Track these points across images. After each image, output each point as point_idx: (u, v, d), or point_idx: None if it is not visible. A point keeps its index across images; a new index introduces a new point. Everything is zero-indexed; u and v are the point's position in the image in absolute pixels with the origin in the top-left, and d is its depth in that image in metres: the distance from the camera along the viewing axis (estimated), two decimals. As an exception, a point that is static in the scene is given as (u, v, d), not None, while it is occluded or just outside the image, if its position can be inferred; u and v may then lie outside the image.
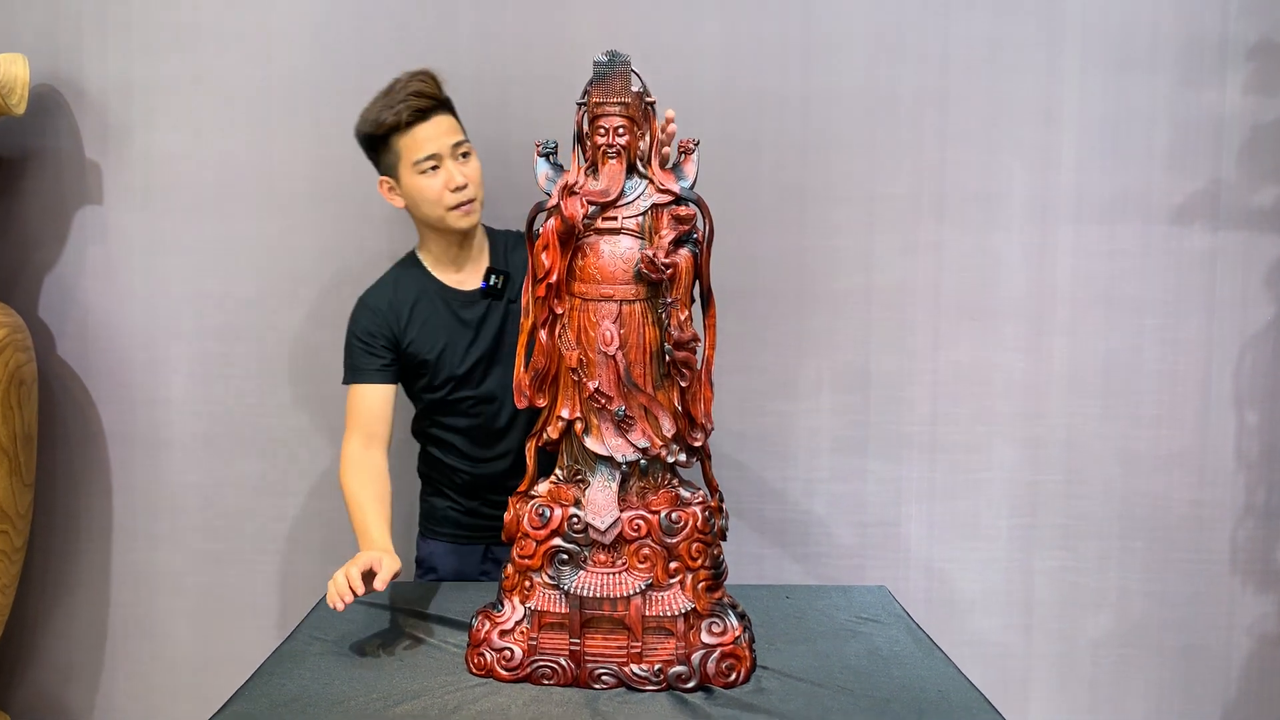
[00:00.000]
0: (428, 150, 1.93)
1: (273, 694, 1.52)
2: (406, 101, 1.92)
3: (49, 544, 2.45)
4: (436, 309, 2.02)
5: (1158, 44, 2.34)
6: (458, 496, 2.10)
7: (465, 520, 2.10)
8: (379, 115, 1.94)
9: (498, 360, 2.03)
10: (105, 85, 2.36)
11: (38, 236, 2.40)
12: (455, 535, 2.12)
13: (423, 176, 1.94)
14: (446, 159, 1.95)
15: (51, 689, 2.49)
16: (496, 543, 2.06)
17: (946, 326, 2.39)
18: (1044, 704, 2.44)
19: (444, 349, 2.01)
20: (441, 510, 2.13)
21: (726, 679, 1.54)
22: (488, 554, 2.11)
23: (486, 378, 2.03)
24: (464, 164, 1.97)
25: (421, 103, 1.92)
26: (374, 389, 1.97)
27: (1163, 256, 2.38)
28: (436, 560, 2.13)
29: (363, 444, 1.94)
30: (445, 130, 1.96)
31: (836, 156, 2.36)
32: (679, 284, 1.54)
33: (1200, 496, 2.42)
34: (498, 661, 1.56)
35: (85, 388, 2.42)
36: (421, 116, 1.93)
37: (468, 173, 1.97)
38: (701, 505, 1.58)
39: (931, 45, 2.34)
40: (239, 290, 2.39)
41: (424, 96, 1.93)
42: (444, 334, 2.01)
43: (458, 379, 2.02)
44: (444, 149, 1.94)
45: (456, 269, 2.06)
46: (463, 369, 2.01)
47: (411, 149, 1.94)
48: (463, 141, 1.98)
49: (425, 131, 1.93)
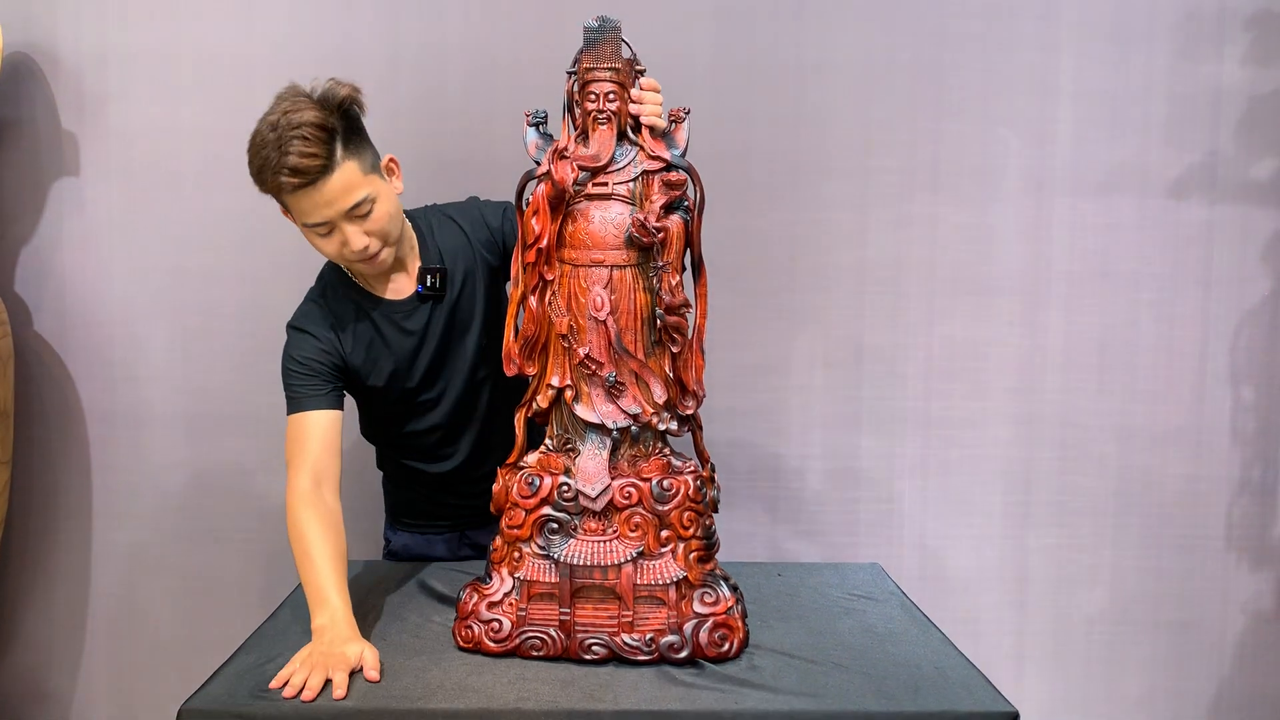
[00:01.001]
0: (315, 219, 1.67)
1: (253, 673, 1.48)
2: (282, 174, 1.62)
3: (27, 524, 2.40)
4: (378, 328, 1.82)
5: (1155, 16, 2.32)
6: (424, 490, 1.99)
7: (434, 510, 2.01)
8: (260, 172, 1.66)
9: (449, 360, 1.86)
10: (81, 54, 2.30)
11: (13, 209, 2.34)
12: (426, 526, 2.03)
13: (317, 237, 1.71)
14: (340, 222, 1.67)
15: (31, 670, 2.44)
16: (470, 527, 2.01)
17: (941, 301, 2.36)
18: (1038, 680, 2.42)
19: (395, 369, 1.83)
20: (407, 502, 2.04)
21: (719, 649, 1.51)
22: (463, 539, 2.03)
23: (438, 379, 1.87)
24: (364, 221, 1.68)
25: (301, 179, 1.62)
26: (320, 415, 1.74)
27: (1159, 230, 2.35)
28: (409, 551, 2.05)
29: (312, 483, 1.68)
30: (337, 195, 1.65)
31: (830, 130, 2.32)
32: (670, 248, 1.51)
33: (1195, 472, 2.40)
34: (486, 633, 1.53)
35: (63, 364, 2.37)
36: (304, 187, 1.64)
37: (370, 227, 1.69)
38: (693, 474, 1.56)
39: (927, 17, 2.31)
40: (220, 265, 2.34)
41: (302, 172, 1.61)
42: (391, 354, 1.83)
43: (409, 391, 1.86)
44: (335, 214, 1.66)
45: (388, 279, 1.83)
46: (414, 381, 1.85)
47: (298, 213, 1.69)
48: (361, 201, 1.67)
49: (310, 201, 1.65)
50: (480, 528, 1.97)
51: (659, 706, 1.38)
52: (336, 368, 1.79)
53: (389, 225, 1.72)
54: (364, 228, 1.69)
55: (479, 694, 1.40)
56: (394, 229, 1.74)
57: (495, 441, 1.88)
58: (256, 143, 1.66)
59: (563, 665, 1.50)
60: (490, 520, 1.70)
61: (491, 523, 1.71)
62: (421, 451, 1.94)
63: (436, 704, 1.38)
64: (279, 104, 1.67)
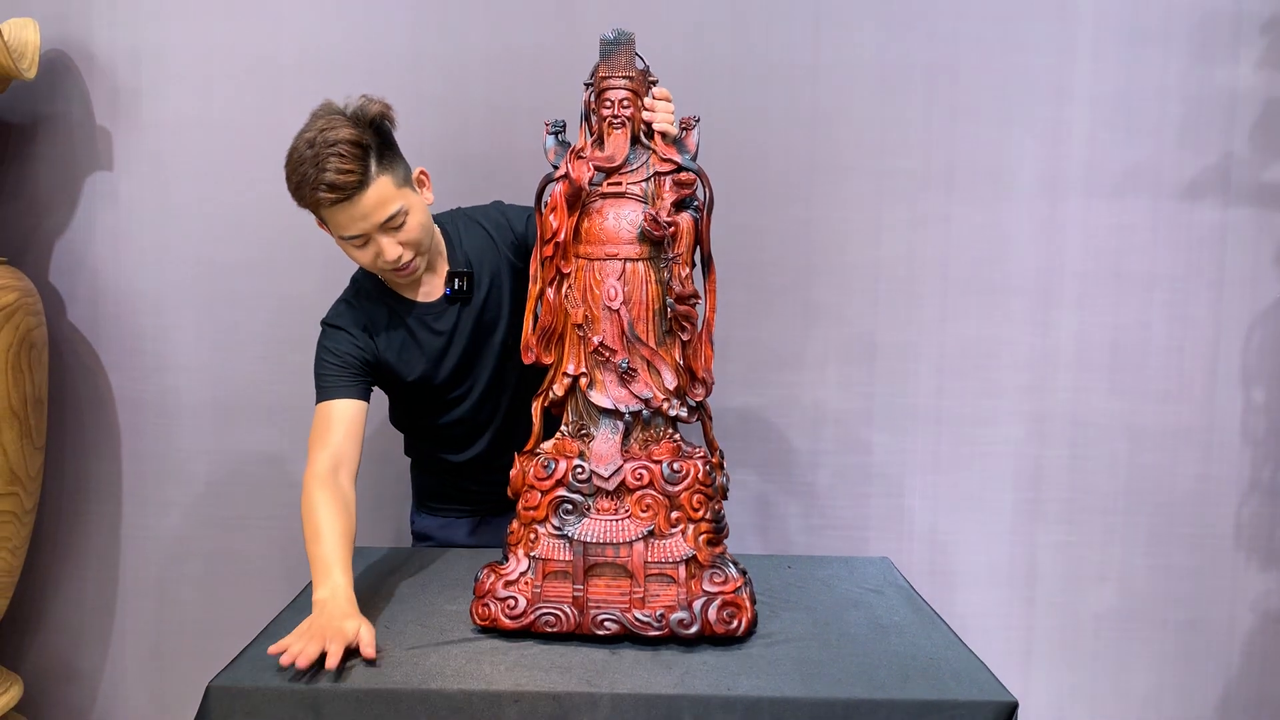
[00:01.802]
0: (352, 231, 1.75)
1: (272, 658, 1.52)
2: (320, 190, 1.69)
3: (59, 507, 2.48)
4: (410, 330, 1.90)
5: (1171, 18, 2.33)
6: (448, 477, 2.08)
7: (456, 495, 2.10)
8: (298, 188, 1.73)
9: (477, 358, 1.94)
10: (115, 50, 2.37)
11: (48, 202, 2.41)
12: (449, 510, 2.11)
13: (353, 248, 1.79)
14: (375, 234, 1.76)
15: (62, 651, 2.51)
16: (493, 514, 2.09)
17: (954, 300, 2.39)
18: (1046, 677, 2.44)
19: (425, 368, 1.91)
20: (432, 488, 2.13)
21: (728, 626, 1.55)
22: (483, 524, 2.11)
23: (466, 376, 1.95)
24: (398, 233, 1.76)
25: (338, 194, 1.70)
26: (345, 404, 1.81)
27: (1172, 232, 2.37)
28: (431, 534, 2.14)
29: (330, 467, 1.74)
30: (372, 209, 1.73)
31: (846, 129, 2.35)
32: (680, 241, 1.58)
33: (1205, 472, 2.42)
34: (501, 611, 1.58)
35: (95, 353, 2.44)
36: (341, 202, 1.71)
37: (404, 238, 1.77)
38: (703, 459, 1.61)
39: (943, 18, 2.33)
40: (249, 256, 2.40)
41: (339, 188, 1.69)
42: (422, 354, 1.90)
43: (438, 387, 1.94)
44: (370, 227, 1.74)
45: (419, 283, 1.91)
46: (442, 378, 1.93)
47: (335, 227, 1.77)
48: (395, 214, 1.74)
49: (346, 215, 1.73)
50: (500, 514, 2.05)
51: (654, 690, 1.42)
52: (367, 364, 1.86)
53: (421, 235, 1.80)
54: (398, 238, 1.77)
55: (479, 678, 1.44)
56: (426, 239, 1.82)
57: (517, 433, 1.94)
58: (294, 160, 1.73)
59: (562, 651, 1.54)
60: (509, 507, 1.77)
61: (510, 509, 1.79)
62: (447, 442, 2.02)
63: (437, 685, 1.42)
64: (314, 122, 1.74)
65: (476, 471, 2.03)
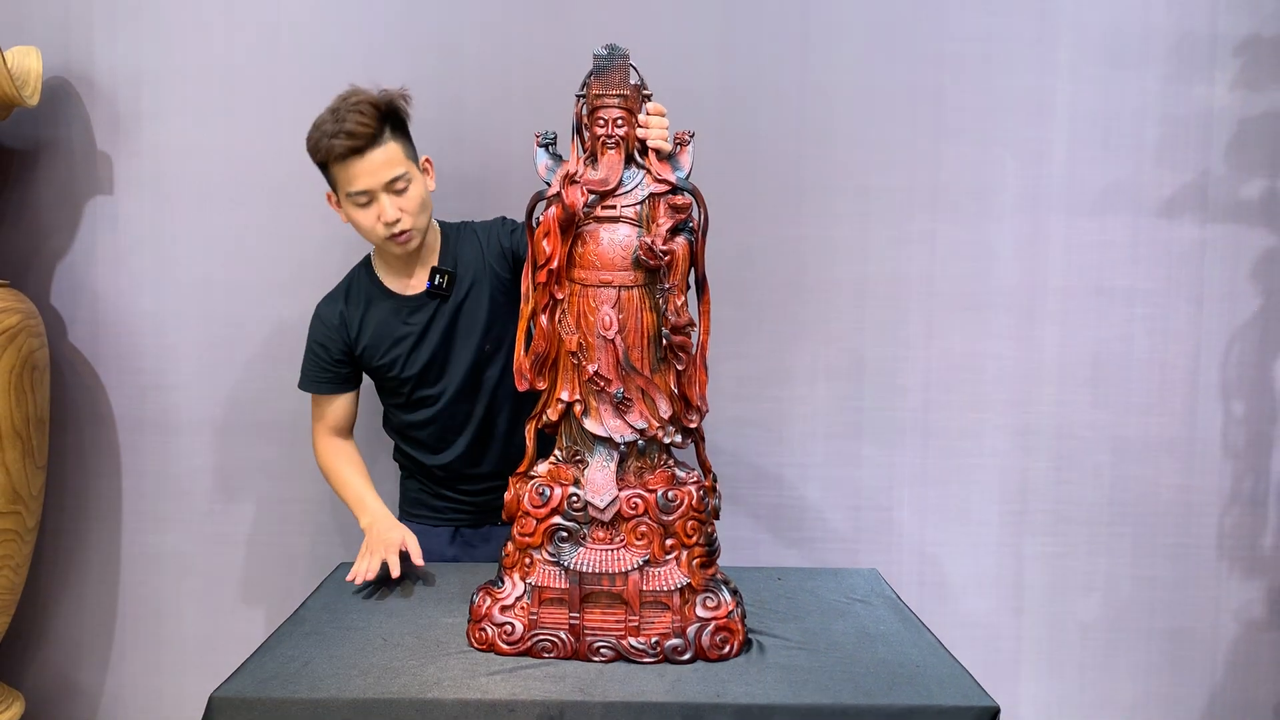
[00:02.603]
0: (359, 186, 1.92)
1: (280, 665, 1.56)
2: (338, 138, 1.88)
3: (60, 525, 2.51)
4: (386, 317, 2.06)
5: (1148, 40, 2.39)
6: (427, 482, 2.19)
7: (435, 504, 2.19)
8: (316, 143, 1.93)
9: (450, 360, 2.06)
10: (115, 77, 2.41)
11: (50, 225, 2.45)
12: (425, 517, 2.20)
13: (356, 208, 1.95)
14: (380, 193, 1.92)
15: (62, 667, 2.54)
16: (466, 525, 2.18)
17: (939, 316, 2.43)
18: (1034, 685, 2.49)
19: (395, 356, 2.06)
20: (414, 494, 2.23)
21: (721, 651, 1.59)
22: (457, 535, 2.19)
23: (441, 377, 2.07)
24: (399, 198, 1.93)
25: (354, 142, 1.88)
26: (333, 400, 2.12)
27: (1152, 248, 2.42)
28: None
29: (329, 435, 2.13)
30: (380, 165, 1.91)
31: (832, 150, 2.40)
32: (676, 270, 1.59)
33: (1188, 483, 2.47)
34: (499, 636, 1.61)
35: (95, 373, 2.47)
36: (355, 153, 1.89)
37: (403, 205, 1.94)
38: (696, 485, 1.63)
39: (926, 41, 2.39)
40: (246, 278, 2.44)
41: (356, 136, 1.88)
42: (393, 341, 2.06)
43: (411, 380, 2.07)
44: (377, 184, 1.91)
45: (408, 275, 2.08)
46: (413, 371, 2.06)
47: (344, 182, 1.93)
48: (400, 176, 1.92)
49: (358, 168, 1.90)
50: (474, 528, 2.18)
51: (646, 698, 1.47)
52: (344, 351, 2.08)
53: (420, 209, 1.97)
54: (398, 203, 1.94)
55: (476, 689, 1.49)
56: (423, 216, 1.99)
57: (489, 444, 2.11)
58: (317, 122, 1.95)
59: (557, 664, 1.58)
60: (483, 522, 2.12)
61: (484, 524, 2.13)
62: (420, 443, 2.15)
63: (434, 695, 1.46)
64: (339, 96, 1.96)
65: (450, 480, 2.15)
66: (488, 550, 2.17)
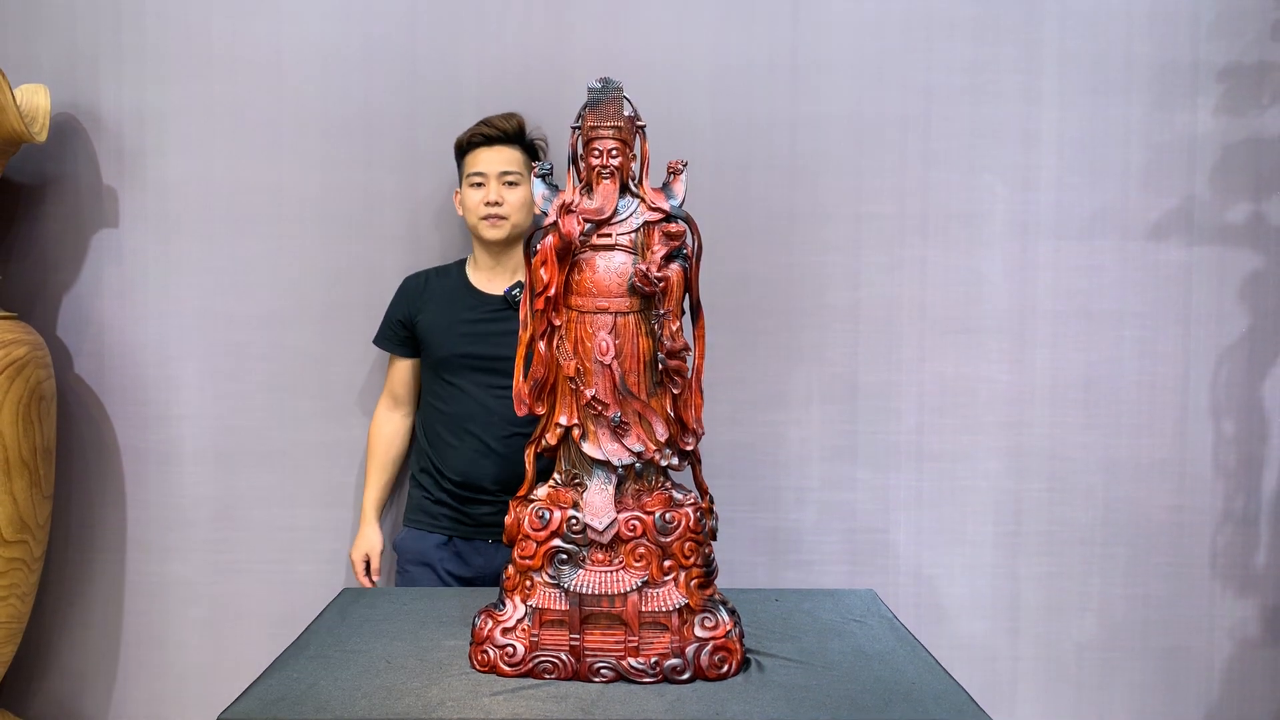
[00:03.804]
0: (478, 168, 2.27)
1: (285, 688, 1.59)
2: (476, 129, 2.28)
3: (65, 554, 2.53)
4: (453, 295, 2.31)
5: (1131, 68, 2.45)
6: (431, 488, 2.32)
7: (432, 509, 2.32)
8: (464, 135, 2.31)
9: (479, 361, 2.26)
10: (121, 113, 2.47)
11: (57, 259, 2.49)
12: (420, 522, 2.34)
13: (470, 189, 2.27)
14: (492, 179, 2.26)
15: (67, 696, 2.56)
16: (460, 536, 2.30)
17: (932, 340, 2.47)
18: (1031, 706, 2.50)
19: (440, 323, 2.29)
20: (416, 499, 2.37)
21: (719, 670, 1.61)
22: (449, 544, 2.31)
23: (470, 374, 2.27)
24: (507, 190, 2.26)
25: (489, 131, 2.27)
26: (396, 360, 2.38)
27: (1140, 271, 2.47)
28: (405, 545, 2.35)
29: (389, 405, 2.41)
30: (501, 160, 2.27)
31: (824, 179, 2.45)
32: (671, 296, 1.62)
33: (1180, 503, 2.49)
34: (500, 658, 1.63)
35: (101, 404, 2.51)
36: (485, 142, 2.27)
37: (508, 196, 2.26)
38: (693, 506, 1.66)
39: (914, 71, 2.44)
40: (249, 309, 2.48)
41: (493, 127, 2.27)
42: (447, 314, 2.29)
43: (443, 359, 2.28)
44: (492, 172, 2.26)
45: (491, 277, 2.32)
46: (446, 351, 2.27)
47: (469, 164, 2.29)
48: (512, 173, 2.27)
49: (483, 155, 2.27)
50: (468, 540, 2.30)
51: (646, 716, 1.49)
52: (408, 319, 2.33)
53: (520, 206, 2.27)
54: (505, 193, 2.25)
55: (478, 709, 1.51)
56: (520, 214, 2.28)
57: (492, 462, 2.26)
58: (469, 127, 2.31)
59: (562, 683, 1.61)
60: (476, 536, 2.26)
61: (477, 539, 2.27)
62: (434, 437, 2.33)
63: (438, 715, 1.48)
64: None
65: (452, 489, 2.29)
66: (477, 562, 2.28)
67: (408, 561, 2.33)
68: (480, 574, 2.28)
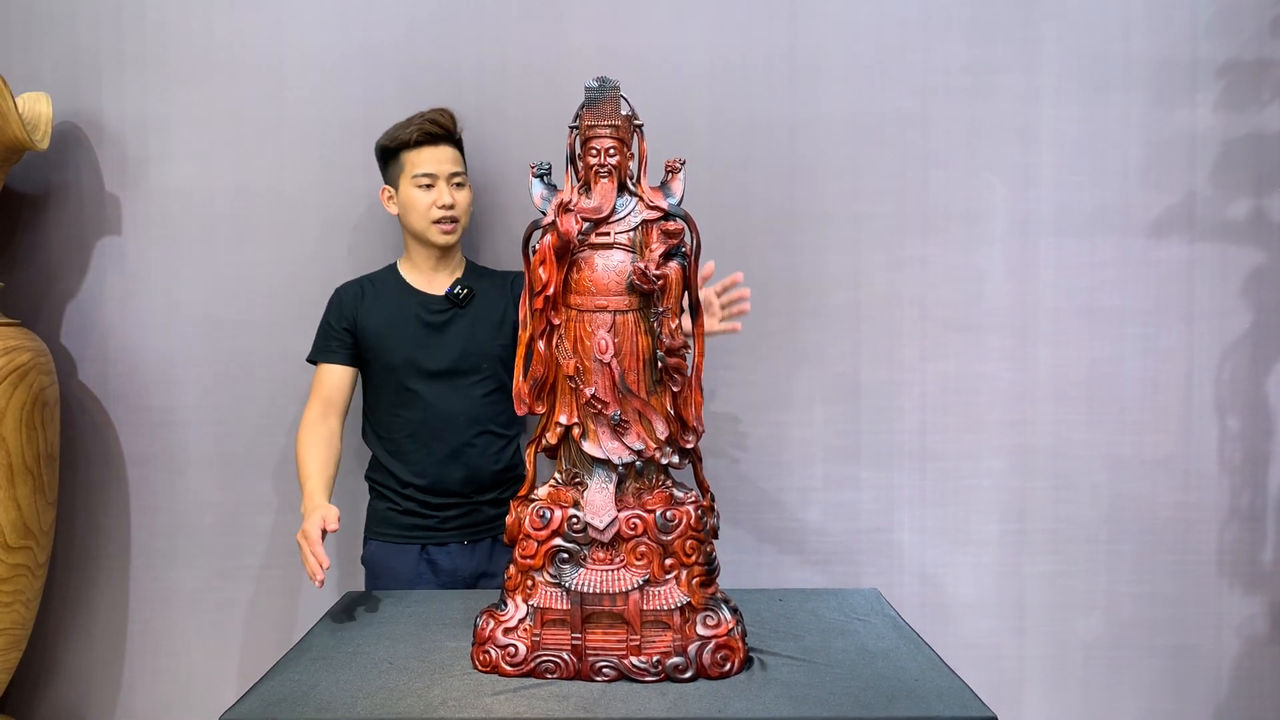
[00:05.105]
0: (426, 169, 2.21)
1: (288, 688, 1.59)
2: (421, 126, 2.21)
3: (70, 560, 2.54)
4: (395, 299, 2.26)
5: (1131, 66, 2.45)
6: (395, 498, 2.25)
7: (402, 520, 2.25)
8: (396, 132, 2.23)
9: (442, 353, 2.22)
10: (123, 121, 2.48)
11: (60, 266, 2.50)
12: (390, 535, 2.26)
13: (418, 190, 2.21)
14: (441, 181, 2.22)
15: (71, 702, 2.56)
16: (433, 543, 2.24)
17: (934, 339, 2.47)
18: (1038, 705, 2.49)
19: (389, 330, 2.22)
20: (382, 512, 2.29)
21: (722, 669, 1.61)
22: (423, 554, 2.24)
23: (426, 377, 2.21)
24: (456, 191, 2.24)
25: (433, 128, 2.21)
26: (333, 368, 2.24)
27: (1142, 268, 2.46)
28: (376, 559, 2.28)
29: (320, 412, 2.21)
30: (447, 159, 2.23)
31: (823, 178, 2.45)
32: (669, 294, 1.62)
33: (1185, 500, 2.48)
34: (502, 658, 1.63)
35: (105, 410, 2.51)
36: (430, 140, 2.21)
37: (457, 198, 2.23)
38: (694, 504, 1.66)
39: (912, 71, 2.44)
40: (252, 316, 2.49)
41: (437, 125, 2.22)
42: (394, 319, 2.23)
43: (398, 366, 2.21)
44: (441, 172, 2.22)
45: (432, 277, 2.29)
46: (400, 357, 2.21)
47: (414, 164, 2.21)
48: (460, 173, 2.25)
49: (429, 154, 2.21)
50: (441, 545, 2.24)
51: (648, 715, 1.48)
52: (350, 324, 2.24)
53: (467, 209, 2.26)
54: (454, 194, 2.22)
55: (480, 709, 1.51)
56: (466, 218, 2.27)
57: (460, 464, 2.22)
58: (395, 125, 2.25)
59: (564, 682, 1.60)
60: (449, 541, 2.21)
61: (450, 543, 2.21)
62: (396, 447, 2.25)
63: (441, 715, 1.48)
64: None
65: (418, 496, 2.23)
66: (454, 568, 2.22)
67: (380, 578, 2.26)
68: (451, 578, 2.23)
